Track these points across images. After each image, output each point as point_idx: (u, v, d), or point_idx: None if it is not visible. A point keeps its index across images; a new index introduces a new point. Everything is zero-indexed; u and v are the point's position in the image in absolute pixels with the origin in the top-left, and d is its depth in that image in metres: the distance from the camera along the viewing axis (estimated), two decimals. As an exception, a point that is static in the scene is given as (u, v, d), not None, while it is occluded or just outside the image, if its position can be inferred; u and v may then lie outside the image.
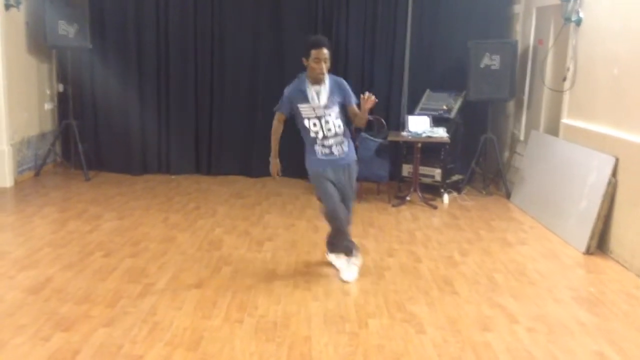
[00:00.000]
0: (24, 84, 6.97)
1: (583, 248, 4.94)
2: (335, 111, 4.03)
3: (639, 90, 4.65)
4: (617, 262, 4.72)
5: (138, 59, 7.37)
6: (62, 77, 7.58)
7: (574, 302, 3.97)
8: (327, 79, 4.01)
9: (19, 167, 6.88)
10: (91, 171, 7.19)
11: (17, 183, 6.74)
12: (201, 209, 6.02)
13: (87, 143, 7.35)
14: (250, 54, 7.41)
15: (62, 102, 7.58)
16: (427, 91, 7.18)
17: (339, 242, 4.29)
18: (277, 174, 4.27)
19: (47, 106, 7.56)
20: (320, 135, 4.03)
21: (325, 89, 4.00)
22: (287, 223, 5.53)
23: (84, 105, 7.46)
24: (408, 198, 6.44)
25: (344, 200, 4.15)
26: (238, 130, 7.50)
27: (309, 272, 4.36)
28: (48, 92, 7.57)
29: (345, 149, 4.12)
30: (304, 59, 4.00)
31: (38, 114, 7.34)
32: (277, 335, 3.37)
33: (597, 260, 4.80)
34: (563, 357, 3.23)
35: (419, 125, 6.47)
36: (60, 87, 7.65)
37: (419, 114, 6.78)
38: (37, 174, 7.17)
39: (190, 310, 3.65)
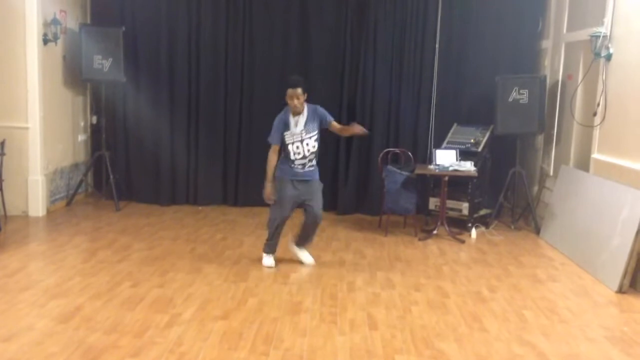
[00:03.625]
0: (59, 116, 7.17)
1: (615, 286, 4.83)
2: (313, 134, 4.92)
3: (672, 125, 4.60)
4: (652, 301, 4.60)
5: (169, 92, 7.53)
6: (96, 109, 7.79)
7: (607, 342, 3.86)
8: (305, 109, 4.89)
9: (52, 197, 7.03)
10: (121, 201, 7.31)
11: (50, 212, 6.87)
12: (228, 240, 6.06)
13: (118, 174, 7.49)
14: (278, 88, 7.47)
15: (95, 134, 7.77)
16: (455, 125, 7.18)
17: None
18: (270, 198, 4.99)
19: (81, 137, 7.75)
20: (300, 155, 4.90)
21: (303, 117, 4.90)
22: (313, 255, 5.51)
23: (116, 136, 7.63)
24: (435, 232, 6.39)
25: (312, 202, 4.96)
26: (264, 163, 7.55)
27: (335, 305, 4.33)
28: (82, 123, 7.77)
29: (312, 169, 5.00)
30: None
31: (72, 145, 7.52)
32: (303, 369, 3.34)
33: (631, 299, 4.68)
34: (597, 399, 3.14)
35: (446, 158, 6.46)
36: (94, 119, 7.84)
37: (446, 148, 6.77)
38: (68, 204, 7.31)
39: (216, 341, 3.65)
